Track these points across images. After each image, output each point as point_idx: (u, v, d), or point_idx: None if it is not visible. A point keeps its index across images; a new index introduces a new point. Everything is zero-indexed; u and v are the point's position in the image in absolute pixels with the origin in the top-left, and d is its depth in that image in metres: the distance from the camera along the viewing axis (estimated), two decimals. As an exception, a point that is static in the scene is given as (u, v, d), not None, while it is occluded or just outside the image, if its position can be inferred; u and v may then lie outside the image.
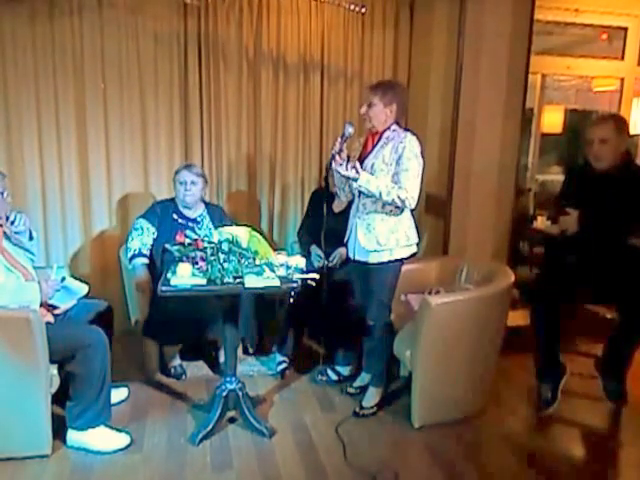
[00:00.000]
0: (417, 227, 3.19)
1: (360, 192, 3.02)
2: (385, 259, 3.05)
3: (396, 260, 3.08)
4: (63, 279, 2.92)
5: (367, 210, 3.05)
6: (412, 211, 3.10)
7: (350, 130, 2.89)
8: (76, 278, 3.09)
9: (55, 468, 2.70)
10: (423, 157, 3.00)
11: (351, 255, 3.22)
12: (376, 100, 2.97)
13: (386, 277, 3.12)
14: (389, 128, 3.03)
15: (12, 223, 2.98)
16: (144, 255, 3.56)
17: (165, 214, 3.67)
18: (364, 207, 3.06)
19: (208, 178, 4.00)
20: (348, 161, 2.92)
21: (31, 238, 3.11)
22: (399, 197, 2.88)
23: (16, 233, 2.99)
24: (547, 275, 3.61)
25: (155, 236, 3.61)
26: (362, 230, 3.07)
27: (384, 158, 2.97)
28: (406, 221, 3.09)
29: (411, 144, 2.94)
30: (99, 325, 2.92)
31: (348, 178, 2.92)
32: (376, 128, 3.03)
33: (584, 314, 3.87)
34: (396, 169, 2.95)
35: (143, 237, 3.60)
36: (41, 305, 2.80)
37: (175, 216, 3.68)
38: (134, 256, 3.54)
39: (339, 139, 2.88)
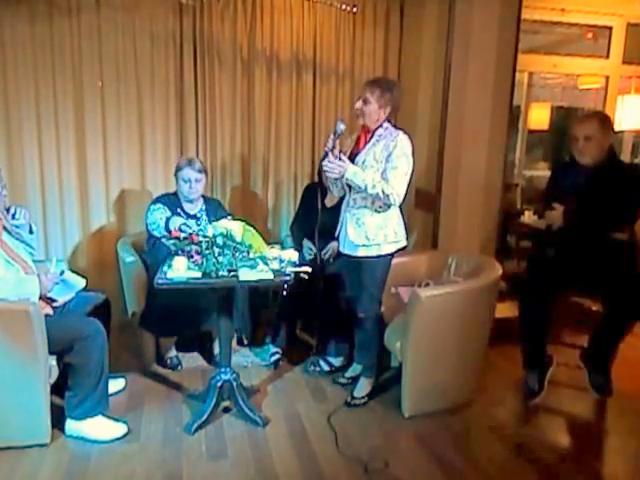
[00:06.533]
0: (406, 224, 3.23)
1: (350, 187, 3.05)
2: (373, 253, 3.09)
3: (385, 255, 3.12)
4: (62, 273, 2.94)
5: (357, 205, 3.09)
6: (401, 209, 3.15)
7: (342, 127, 2.91)
8: (74, 272, 3.12)
9: (54, 457, 2.73)
10: (414, 156, 3.04)
11: (341, 248, 3.26)
12: (372, 99, 2.98)
13: (376, 271, 3.15)
14: (381, 126, 3.06)
15: (13, 217, 3.01)
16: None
17: (171, 208, 3.60)
18: (354, 202, 3.10)
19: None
20: (341, 158, 2.96)
21: (31, 232, 3.13)
22: (383, 191, 2.92)
23: (16, 227, 3.02)
24: (534, 269, 3.63)
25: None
26: (352, 224, 3.11)
27: (375, 155, 3.00)
28: (395, 218, 3.13)
29: (402, 143, 2.98)
30: (97, 317, 2.96)
31: (336, 178, 2.98)
32: (367, 125, 3.06)
33: (570, 306, 3.92)
34: (385, 166, 2.98)
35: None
36: (40, 298, 2.82)
37: (178, 211, 3.66)
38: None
39: (331, 136, 2.90)
